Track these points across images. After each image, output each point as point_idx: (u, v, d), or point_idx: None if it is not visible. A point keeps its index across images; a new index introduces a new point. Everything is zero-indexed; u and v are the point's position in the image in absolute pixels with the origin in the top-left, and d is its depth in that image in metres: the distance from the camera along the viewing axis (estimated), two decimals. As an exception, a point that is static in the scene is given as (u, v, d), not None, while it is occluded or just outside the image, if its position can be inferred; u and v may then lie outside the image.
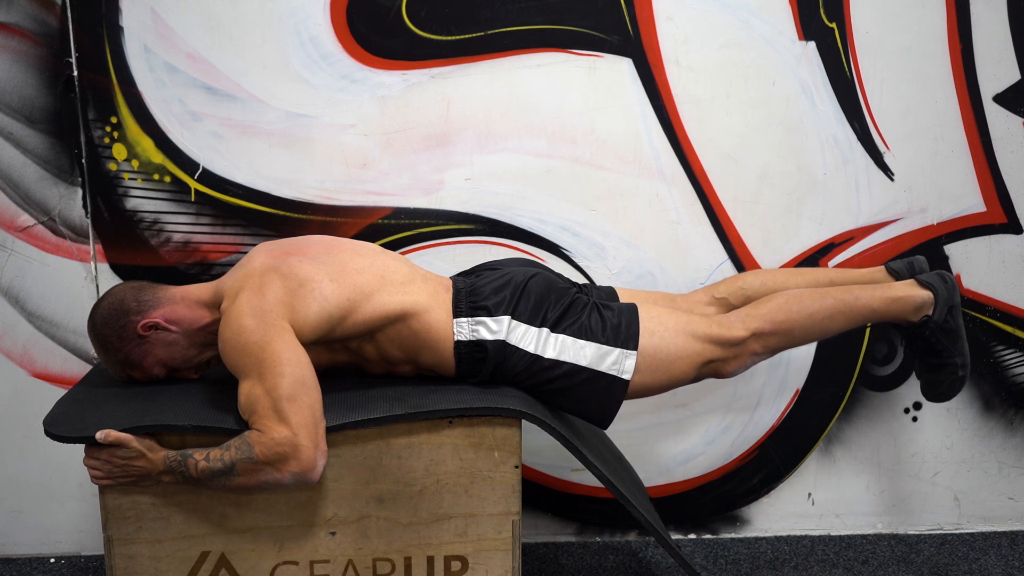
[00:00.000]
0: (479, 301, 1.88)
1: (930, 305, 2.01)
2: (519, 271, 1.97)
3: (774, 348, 1.97)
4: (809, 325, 1.96)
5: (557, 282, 1.98)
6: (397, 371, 1.92)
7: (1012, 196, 2.45)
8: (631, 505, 1.90)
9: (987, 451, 2.59)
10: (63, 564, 2.48)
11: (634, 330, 1.89)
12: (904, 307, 2.01)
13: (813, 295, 1.99)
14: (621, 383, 1.88)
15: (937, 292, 2.01)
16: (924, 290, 2.02)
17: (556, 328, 1.88)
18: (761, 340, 1.94)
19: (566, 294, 1.94)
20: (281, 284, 1.75)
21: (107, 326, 1.83)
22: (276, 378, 1.65)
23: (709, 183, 2.40)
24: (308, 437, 1.64)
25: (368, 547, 1.80)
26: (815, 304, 1.97)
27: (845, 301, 1.98)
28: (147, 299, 1.84)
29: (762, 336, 1.94)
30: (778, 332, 1.95)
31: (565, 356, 1.86)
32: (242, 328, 1.69)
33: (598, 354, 1.87)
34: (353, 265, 1.84)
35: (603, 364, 1.87)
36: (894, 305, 2.00)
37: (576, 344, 1.87)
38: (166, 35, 2.24)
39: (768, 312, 1.95)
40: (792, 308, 1.95)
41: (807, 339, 2.02)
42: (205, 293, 1.87)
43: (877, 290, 2.01)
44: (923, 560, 2.49)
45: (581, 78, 2.32)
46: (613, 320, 1.91)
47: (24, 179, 2.30)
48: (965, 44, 2.36)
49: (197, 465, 1.66)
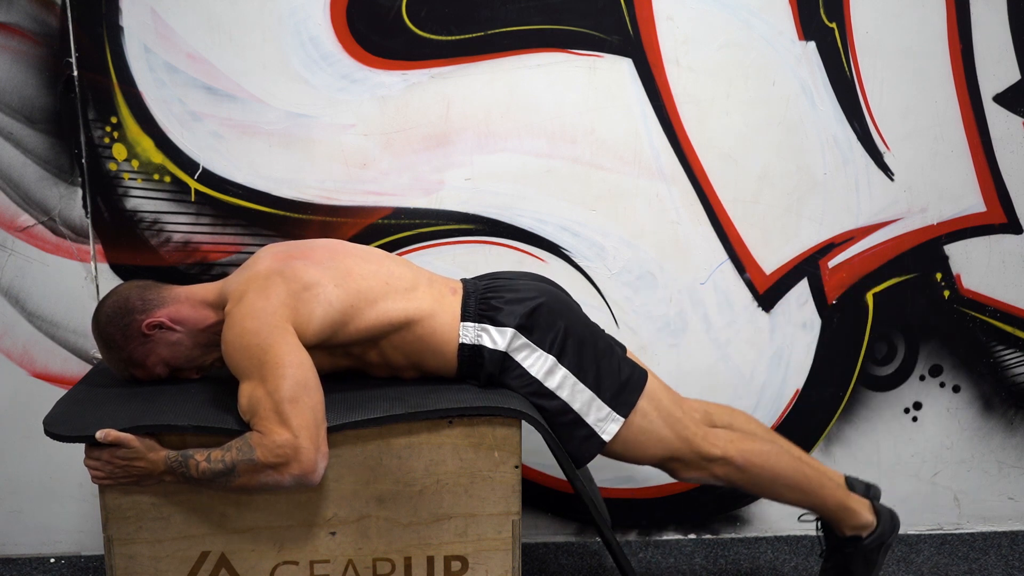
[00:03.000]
0: (490, 307, 1.88)
1: (869, 529, 2.07)
2: (551, 291, 1.97)
3: (730, 480, 2.01)
4: (770, 483, 2.02)
5: (592, 325, 1.98)
6: (402, 376, 1.92)
7: (1012, 196, 2.45)
8: (598, 515, 1.95)
9: (987, 451, 2.59)
10: (63, 564, 2.48)
11: (632, 400, 1.91)
12: (849, 519, 2.07)
13: (792, 461, 2.03)
14: (598, 441, 1.90)
15: (881, 523, 2.08)
16: (872, 516, 2.08)
17: (563, 359, 1.88)
18: (727, 468, 1.98)
19: (601, 339, 1.95)
20: (285, 287, 1.75)
21: (111, 324, 1.83)
22: (278, 380, 1.65)
23: (709, 183, 2.40)
24: (309, 439, 1.64)
25: (368, 547, 1.80)
26: (788, 469, 2.02)
27: (811, 481, 2.04)
28: (152, 298, 1.84)
29: (730, 465, 1.98)
30: (744, 471, 1.99)
31: (563, 393, 1.87)
32: (245, 330, 1.69)
33: (591, 404, 1.89)
34: (359, 271, 1.84)
35: (590, 415, 1.89)
36: (842, 512, 2.07)
37: (576, 386, 1.88)
38: (166, 35, 2.24)
39: (749, 451, 1.99)
40: (770, 459, 2.00)
41: (757, 492, 2.09)
42: (210, 293, 1.87)
43: (839, 492, 2.07)
44: (923, 560, 2.49)
45: (581, 78, 2.32)
46: (623, 378, 1.92)
47: (24, 179, 2.30)
48: (965, 44, 2.36)
49: (198, 466, 1.66)
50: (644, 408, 1.92)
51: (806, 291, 2.47)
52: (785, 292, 2.47)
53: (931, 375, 2.54)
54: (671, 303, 2.45)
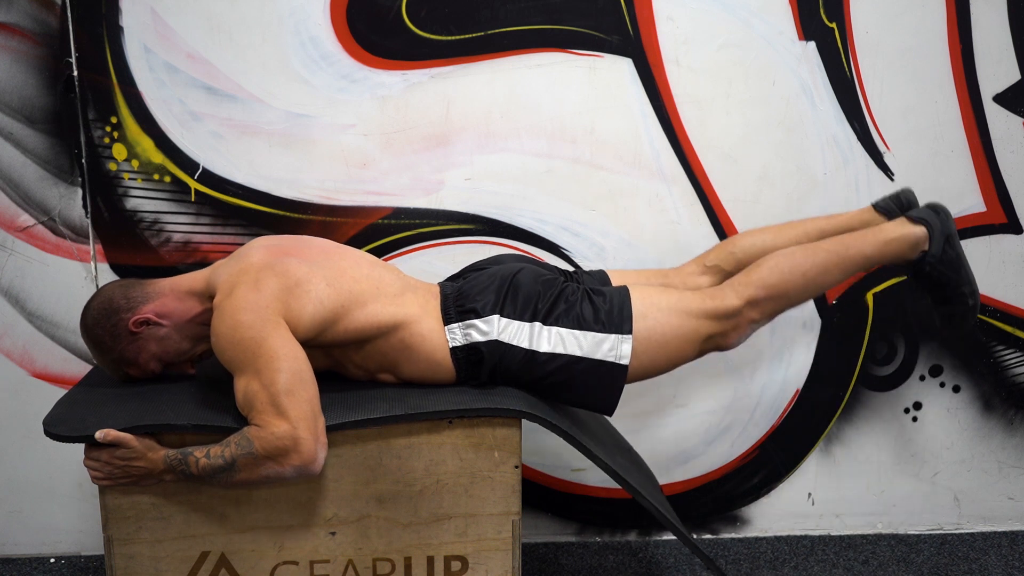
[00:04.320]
0: (466, 304, 1.87)
1: (925, 240, 1.96)
2: (504, 268, 1.95)
3: (772, 312, 1.94)
4: (804, 283, 1.92)
5: (544, 273, 1.96)
6: (378, 380, 1.91)
7: (1012, 196, 2.45)
8: (641, 496, 1.88)
9: (987, 451, 2.59)
10: (63, 564, 2.48)
11: (627, 313, 1.87)
12: (899, 247, 1.96)
13: (805, 252, 1.94)
14: (620, 369, 1.86)
15: (931, 225, 1.96)
16: (917, 226, 1.96)
17: (548, 320, 1.86)
18: (757, 307, 1.91)
19: (554, 284, 1.92)
20: (277, 281, 1.74)
21: (98, 326, 1.83)
22: (273, 373, 1.65)
23: (709, 183, 2.40)
24: (308, 430, 1.64)
25: (368, 547, 1.80)
26: (808, 261, 1.92)
27: (837, 253, 1.94)
28: (136, 295, 1.83)
29: (758, 303, 1.90)
30: (773, 296, 1.91)
31: (560, 348, 1.85)
32: (238, 323, 1.68)
33: (594, 342, 1.86)
34: (351, 273, 1.84)
35: (599, 352, 1.86)
36: (888, 247, 1.95)
37: (571, 335, 1.86)
38: (166, 35, 2.24)
39: (760, 277, 1.91)
40: (784, 269, 1.91)
41: (804, 297, 1.97)
42: (196, 283, 1.86)
43: (869, 235, 1.96)
44: (923, 560, 2.49)
45: (581, 78, 2.32)
46: (605, 306, 1.88)
47: (24, 179, 2.30)
48: (965, 44, 2.36)
49: (198, 462, 1.66)
50: (642, 311, 1.87)
51: (806, 291, 2.47)
52: (785, 292, 2.47)
53: (931, 375, 2.54)
54: (671, 303, 2.45)
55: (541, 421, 1.80)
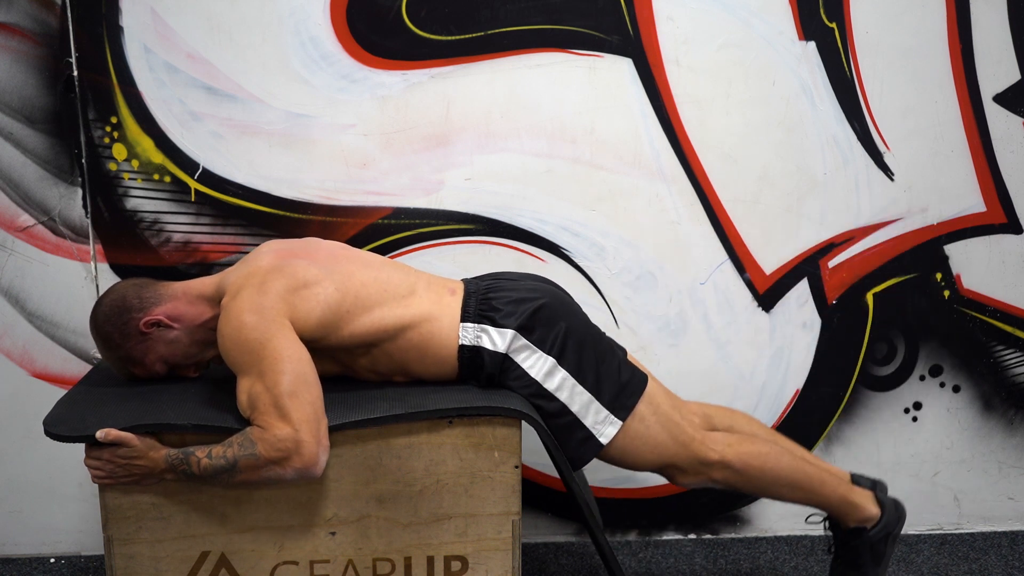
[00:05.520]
0: (491, 307, 1.87)
1: (874, 521, 2.08)
2: (556, 293, 1.96)
3: (728, 484, 2.01)
4: (770, 483, 2.02)
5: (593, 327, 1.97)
6: (392, 380, 1.91)
7: (1012, 196, 2.45)
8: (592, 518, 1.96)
9: (987, 451, 2.59)
10: (63, 564, 2.48)
11: (631, 403, 1.90)
12: (852, 513, 2.08)
13: (792, 462, 2.03)
14: (596, 444, 1.89)
15: (885, 514, 2.08)
16: (876, 508, 2.08)
17: (562, 361, 1.87)
18: (725, 471, 1.98)
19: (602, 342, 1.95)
20: (284, 283, 1.75)
21: (109, 323, 1.83)
22: (277, 375, 1.65)
23: (709, 183, 2.40)
24: (310, 433, 1.64)
25: (368, 547, 1.80)
26: (788, 469, 2.02)
27: (812, 479, 2.04)
28: (149, 296, 1.84)
29: (728, 469, 1.97)
30: (742, 474, 1.98)
31: (561, 395, 1.87)
32: (243, 324, 1.69)
33: (589, 407, 1.88)
34: (359, 277, 1.84)
35: (588, 418, 1.88)
36: (845, 506, 2.07)
37: (575, 388, 1.87)
38: (166, 35, 2.24)
39: (747, 452, 1.99)
40: (768, 461, 2.00)
41: (758, 493, 2.11)
42: (208, 288, 1.86)
43: (840, 487, 2.07)
44: (923, 560, 2.49)
45: (581, 78, 2.32)
46: (622, 381, 1.91)
47: (24, 179, 2.30)
48: (965, 44, 2.36)
49: (199, 462, 1.66)
50: (642, 412, 1.91)
51: (806, 291, 2.47)
52: (785, 292, 2.47)
53: (931, 375, 2.54)
54: (671, 303, 2.45)
55: (538, 425, 1.80)
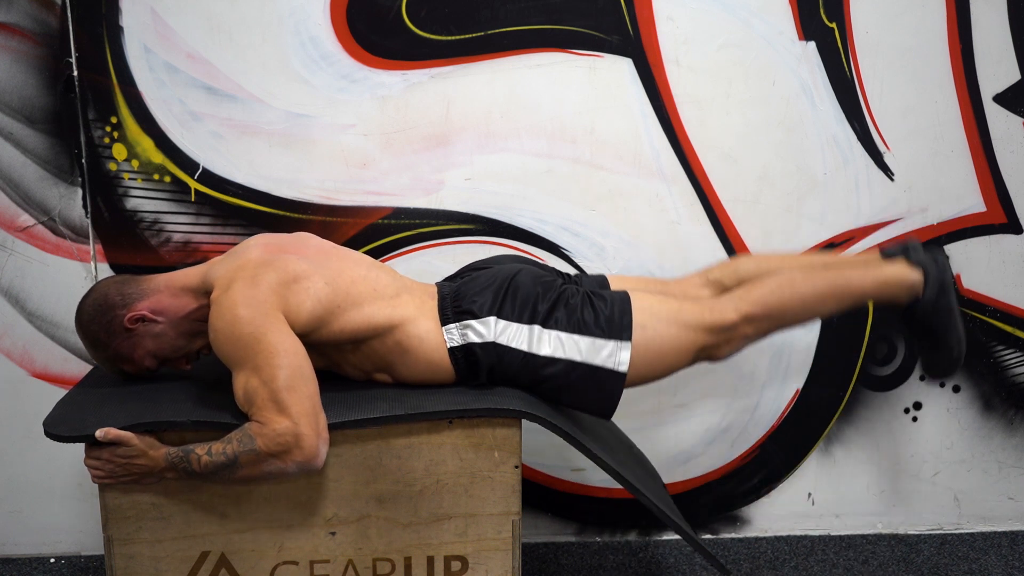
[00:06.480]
0: (463, 305, 1.87)
1: (920, 286, 1.99)
2: (503, 269, 1.95)
3: (765, 331, 1.97)
4: (800, 308, 1.96)
5: (544, 275, 1.96)
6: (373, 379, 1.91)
7: (1012, 196, 2.45)
8: (640, 493, 1.88)
9: (987, 451, 2.59)
10: (63, 564, 2.48)
11: (628, 321, 1.87)
12: (894, 289, 1.99)
13: (805, 278, 1.97)
14: (618, 376, 1.86)
15: (928, 272, 1.99)
16: (914, 271, 2.00)
17: (547, 323, 1.86)
18: (752, 324, 1.93)
19: (553, 287, 1.92)
20: (275, 276, 1.74)
21: (93, 323, 1.82)
22: (273, 369, 1.65)
23: (709, 183, 2.40)
24: (309, 426, 1.64)
25: (368, 547, 1.80)
26: (806, 287, 1.96)
27: (836, 284, 1.97)
28: (131, 292, 1.83)
29: (753, 320, 1.93)
30: (769, 316, 1.94)
31: (559, 352, 1.85)
32: (236, 319, 1.68)
33: (593, 348, 1.85)
34: (349, 274, 1.84)
35: (598, 358, 1.85)
36: (884, 287, 1.99)
37: (570, 339, 1.85)
38: (166, 35, 2.24)
39: (760, 296, 1.94)
40: (784, 292, 1.94)
41: (798, 322, 2.01)
42: (192, 279, 1.85)
43: (868, 272, 1.99)
44: (923, 560, 2.49)
45: (581, 78, 2.32)
46: (606, 311, 1.88)
47: (24, 179, 2.30)
48: (965, 44, 2.36)
49: (200, 460, 1.66)
50: (642, 322, 1.88)
51: (806, 291, 2.47)
52: (785, 292, 2.47)
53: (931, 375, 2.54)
54: (671, 303, 2.45)
55: (541, 421, 1.80)
